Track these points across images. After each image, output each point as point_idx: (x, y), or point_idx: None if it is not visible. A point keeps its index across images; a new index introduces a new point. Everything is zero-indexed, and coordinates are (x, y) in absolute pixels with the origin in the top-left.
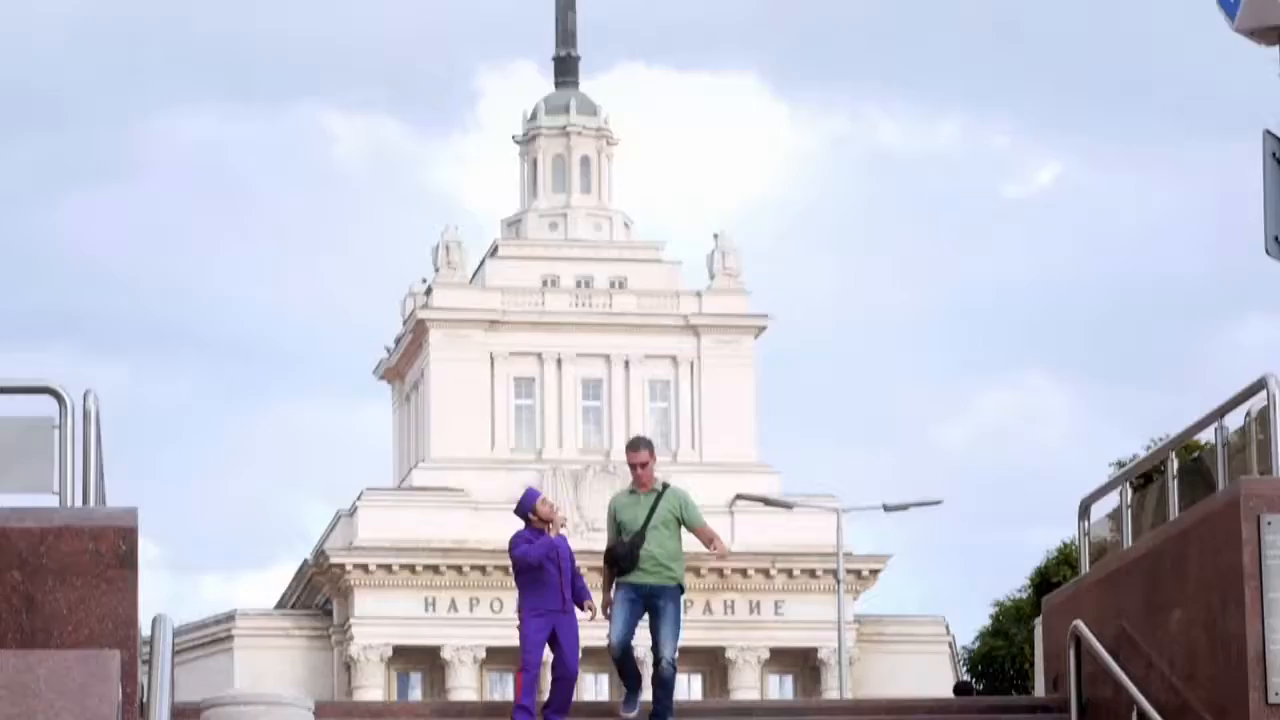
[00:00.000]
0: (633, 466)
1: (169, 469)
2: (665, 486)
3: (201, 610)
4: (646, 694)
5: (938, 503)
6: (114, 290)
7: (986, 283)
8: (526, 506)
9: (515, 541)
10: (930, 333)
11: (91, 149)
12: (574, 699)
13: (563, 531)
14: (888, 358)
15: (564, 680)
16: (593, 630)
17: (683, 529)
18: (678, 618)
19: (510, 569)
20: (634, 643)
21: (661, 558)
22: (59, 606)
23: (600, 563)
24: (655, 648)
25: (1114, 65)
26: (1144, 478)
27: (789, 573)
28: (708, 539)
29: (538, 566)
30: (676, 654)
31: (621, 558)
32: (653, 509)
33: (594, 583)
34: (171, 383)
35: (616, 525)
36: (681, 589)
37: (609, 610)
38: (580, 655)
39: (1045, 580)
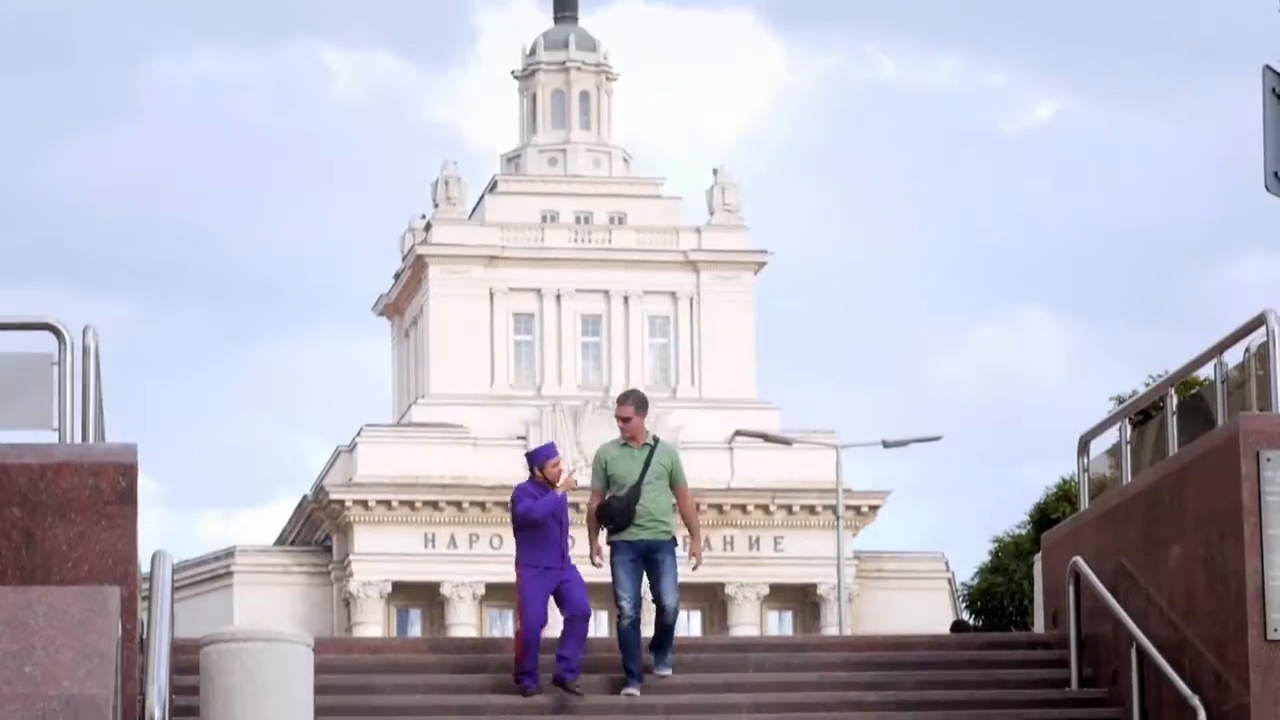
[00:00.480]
0: (616, 419)
1: (168, 405)
2: (656, 441)
3: (201, 547)
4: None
5: (937, 439)
6: (114, 228)
7: (985, 219)
8: (537, 460)
9: (519, 496)
10: (929, 269)
11: (91, 88)
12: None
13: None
14: (886, 294)
15: (576, 620)
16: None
17: None
18: (676, 569)
19: (511, 520)
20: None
21: (657, 513)
22: (58, 543)
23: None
24: (658, 599)
25: (1112, 1)
26: (1143, 414)
27: (788, 509)
28: (688, 516)
29: (539, 524)
30: (679, 603)
31: (618, 514)
32: (647, 463)
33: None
34: (170, 320)
35: (605, 478)
36: (675, 542)
37: (597, 560)
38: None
39: (1044, 516)
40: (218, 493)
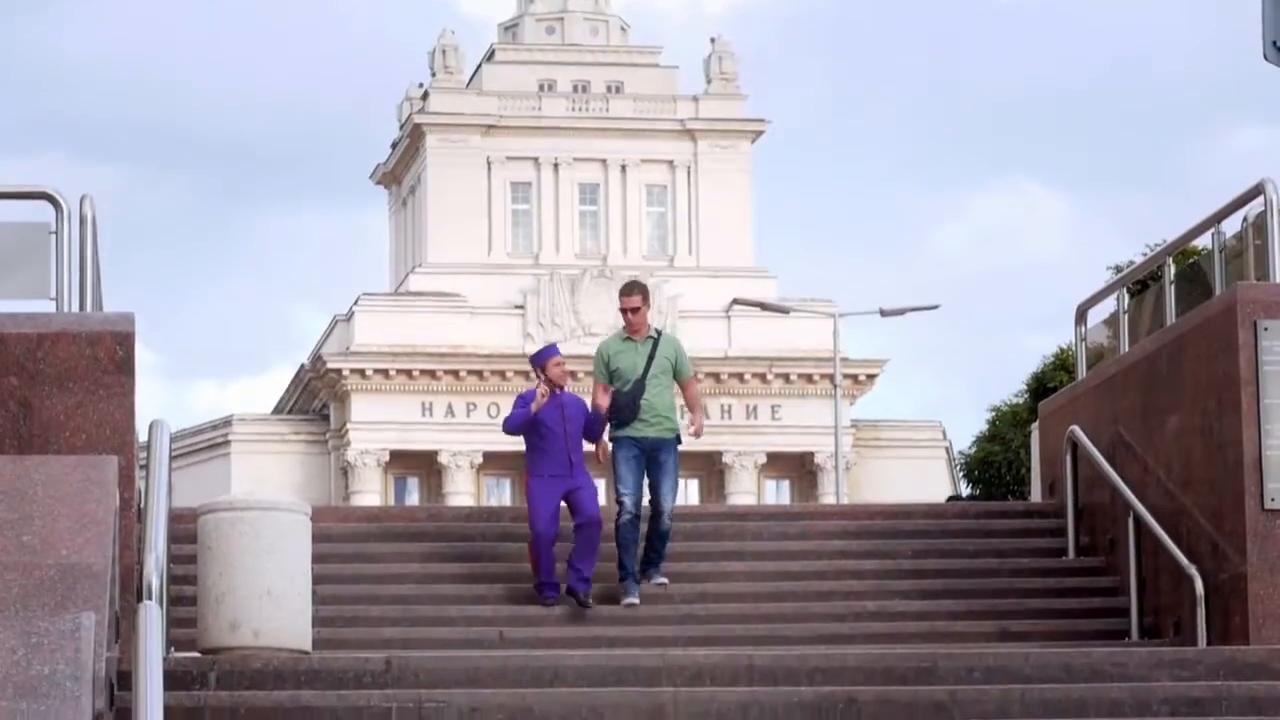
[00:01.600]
0: (623, 311)
1: (164, 274)
2: (659, 334)
3: (198, 416)
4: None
5: (934, 307)
6: (109, 96)
7: (981, 88)
8: (538, 362)
9: (516, 401)
10: (925, 138)
11: None
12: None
13: (573, 388)
14: (883, 163)
15: (586, 527)
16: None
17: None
18: (677, 470)
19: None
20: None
21: (661, 409)
22: (56, 412)
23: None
24: (655, 502)
25: None
26: (1141, 283)
27: (785, 377)
28: (692, 401)
29: (542, 429)
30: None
31: (623, 408)
32: (650, 357)
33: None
34: (166, 188)
35: (609, 374)
36: (679, 440)
37: (601, 457)
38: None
39: (1042, 386)
40: (215, 362)
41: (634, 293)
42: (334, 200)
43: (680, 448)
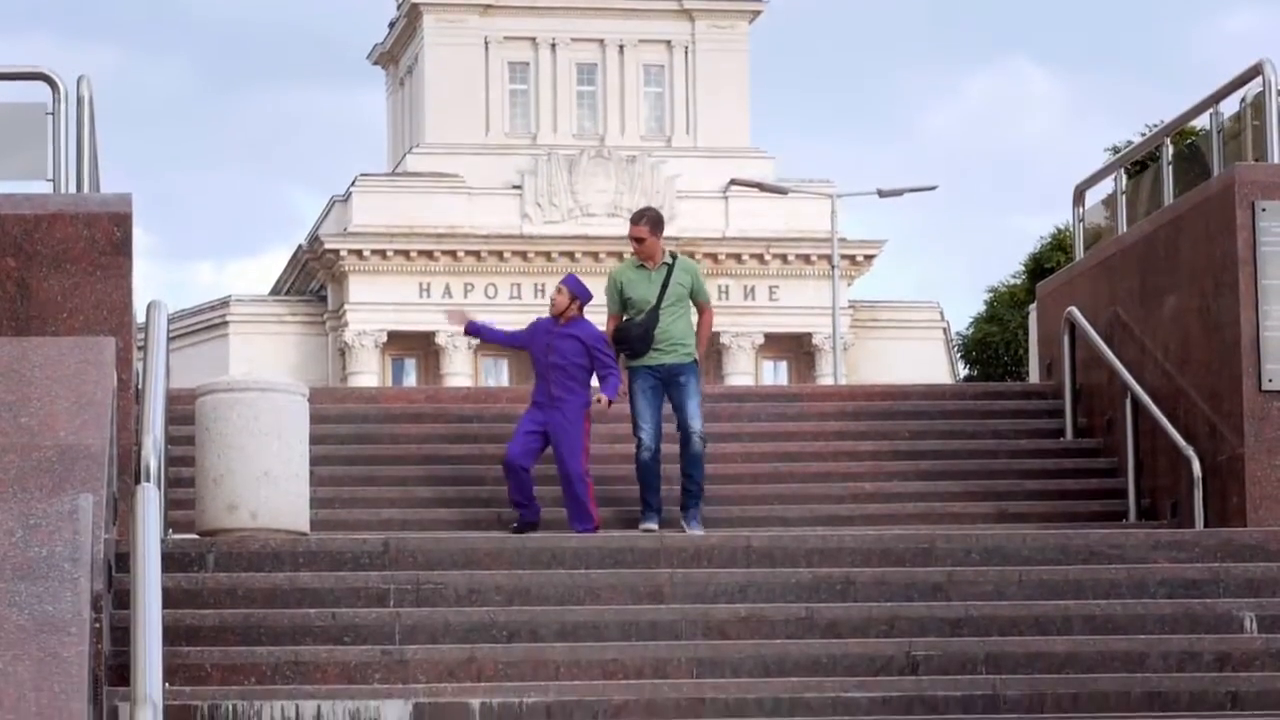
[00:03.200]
0: (630, 239)
1: (161, 156)
2: (674, 258)
3: (195, 297)
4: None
5: (933, 188)
6: None
7: None
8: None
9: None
10: (921, 18)
11: None
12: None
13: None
14: (881, 43)
15: (565, 482)
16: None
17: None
18: (699, 388)
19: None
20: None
21: (677, 336)
22: (53, 293)
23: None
24: (683, 424)
25: None
26: (1139, 164)
27: (783, 258)
28: (704, 328)
29: (532, 355)
30: (703, 426)
31: (636, 339)
32: (664, 285)
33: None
34: (162, 69)
35: (621, 301)
36: (698, 362)
37: (599, 399)
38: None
39: (1039, 266)
40: (212, 243)
41: (640, 221)
42: (331, 81)
43: None
